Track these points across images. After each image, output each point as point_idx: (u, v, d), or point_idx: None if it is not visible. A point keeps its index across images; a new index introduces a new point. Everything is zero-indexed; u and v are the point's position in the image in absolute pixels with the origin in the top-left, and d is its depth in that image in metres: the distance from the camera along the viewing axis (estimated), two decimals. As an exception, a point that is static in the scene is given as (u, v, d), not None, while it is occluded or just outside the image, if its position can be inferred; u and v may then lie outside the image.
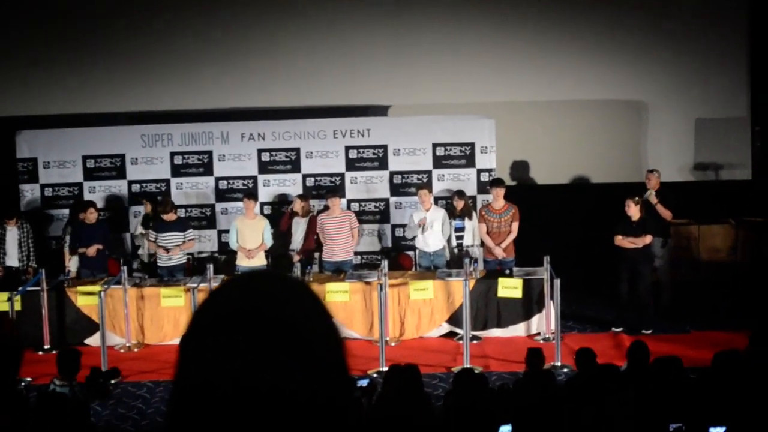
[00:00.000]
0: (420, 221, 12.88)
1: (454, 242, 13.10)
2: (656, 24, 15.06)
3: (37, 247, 13.34)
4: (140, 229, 13.63)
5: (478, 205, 13.67)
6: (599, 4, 15.15)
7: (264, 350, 1.39)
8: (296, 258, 13.17)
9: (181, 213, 14.13)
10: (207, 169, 14.32)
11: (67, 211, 14.06)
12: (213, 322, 1.45)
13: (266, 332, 1.41)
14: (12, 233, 13.08)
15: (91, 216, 13.02)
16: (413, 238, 13.24)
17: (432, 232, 12.92)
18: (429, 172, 14.18)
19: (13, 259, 13.14)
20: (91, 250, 12.94)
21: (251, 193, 13.48)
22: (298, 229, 13.27)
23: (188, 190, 14.32)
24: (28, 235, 13.12)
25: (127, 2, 15.28)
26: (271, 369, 1.38)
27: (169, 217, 12.97)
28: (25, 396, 7.53)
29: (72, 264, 13.29)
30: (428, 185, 13.60)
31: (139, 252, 13.86)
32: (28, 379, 10.42)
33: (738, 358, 7.57)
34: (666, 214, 12.83)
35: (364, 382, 7.49)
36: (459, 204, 13.16)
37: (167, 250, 12.90)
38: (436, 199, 13.64)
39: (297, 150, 14.25)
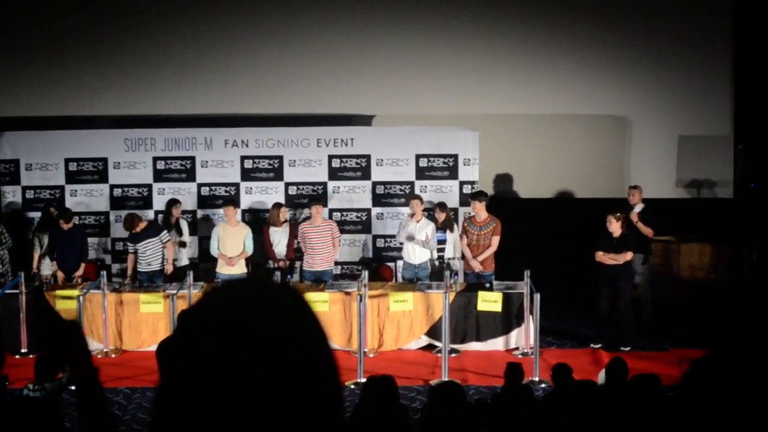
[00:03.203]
0: (408, 235, 12.86)
1: (435, 255, 13.07)
2: (641, 40, 15.13)
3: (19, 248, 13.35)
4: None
5: (460, 218, 13.66)
6: (584, 19, 15.19)
7: (251, 357, 1.37)
8: (281, 264, 13.13)
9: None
10: (189, 175, 14.27)
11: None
12: (199, 329, 1.43)
13: (253, 339, 1.39)
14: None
15: (65, 224, 13.00)
16: (402, 244, 13.16)
17: (419, 245, 12.90)
18: (412, 183, 14.17)
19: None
20: (79, 273, 13.15)
21: (231, 200, 13.42)
22: (282, 237, 13.23)
23: (170, 196, 14.23)
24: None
25: (113, 6, 15.23)
26: (259, 376, 1.37)
27: (140, 226, 12.92)
28: (6, 398, 7.45)
29: (44, 268, 13.25)
30: (419, 196, 13.39)
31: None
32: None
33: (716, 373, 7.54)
34: (647, 231, 12.85)
35: None
36: (440, 216, 13.13)
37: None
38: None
39: (280, 158, 14.22)
